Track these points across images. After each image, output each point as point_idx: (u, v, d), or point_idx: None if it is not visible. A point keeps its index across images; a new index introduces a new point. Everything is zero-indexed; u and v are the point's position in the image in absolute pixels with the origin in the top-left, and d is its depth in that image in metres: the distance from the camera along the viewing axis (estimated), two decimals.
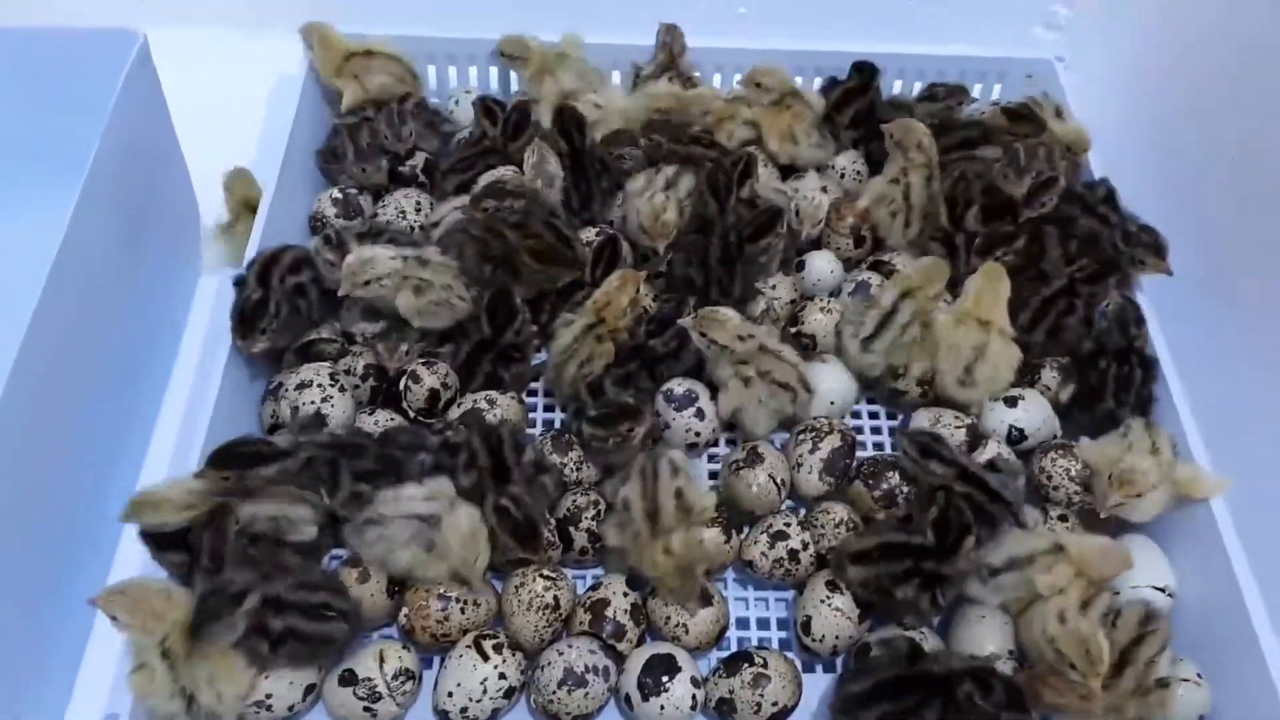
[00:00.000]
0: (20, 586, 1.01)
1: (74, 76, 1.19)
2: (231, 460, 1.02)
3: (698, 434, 1.19)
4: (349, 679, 1.00)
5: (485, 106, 1.46)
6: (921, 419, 1.23)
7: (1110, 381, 1.22)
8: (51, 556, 1.07)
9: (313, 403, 1.15)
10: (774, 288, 1.32)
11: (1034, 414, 1.23)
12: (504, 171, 1.38)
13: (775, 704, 1.01)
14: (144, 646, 0.94)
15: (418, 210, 1.38)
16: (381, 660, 1.00)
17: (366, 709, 1.00)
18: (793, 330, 1.31)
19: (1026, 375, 1.28)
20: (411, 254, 1.21)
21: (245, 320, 1.18)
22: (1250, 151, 1.30)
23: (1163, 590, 1.10)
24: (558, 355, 1.20)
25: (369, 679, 0.99)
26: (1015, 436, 1.22)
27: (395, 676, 1.00)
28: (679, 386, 1.20)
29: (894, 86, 1.59)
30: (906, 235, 1.38)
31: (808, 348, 1.30)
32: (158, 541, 1.02)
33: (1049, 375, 1.28)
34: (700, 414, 1.19)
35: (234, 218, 1.43)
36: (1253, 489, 1.19)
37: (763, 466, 1.15)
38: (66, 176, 1.08)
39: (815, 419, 1.21)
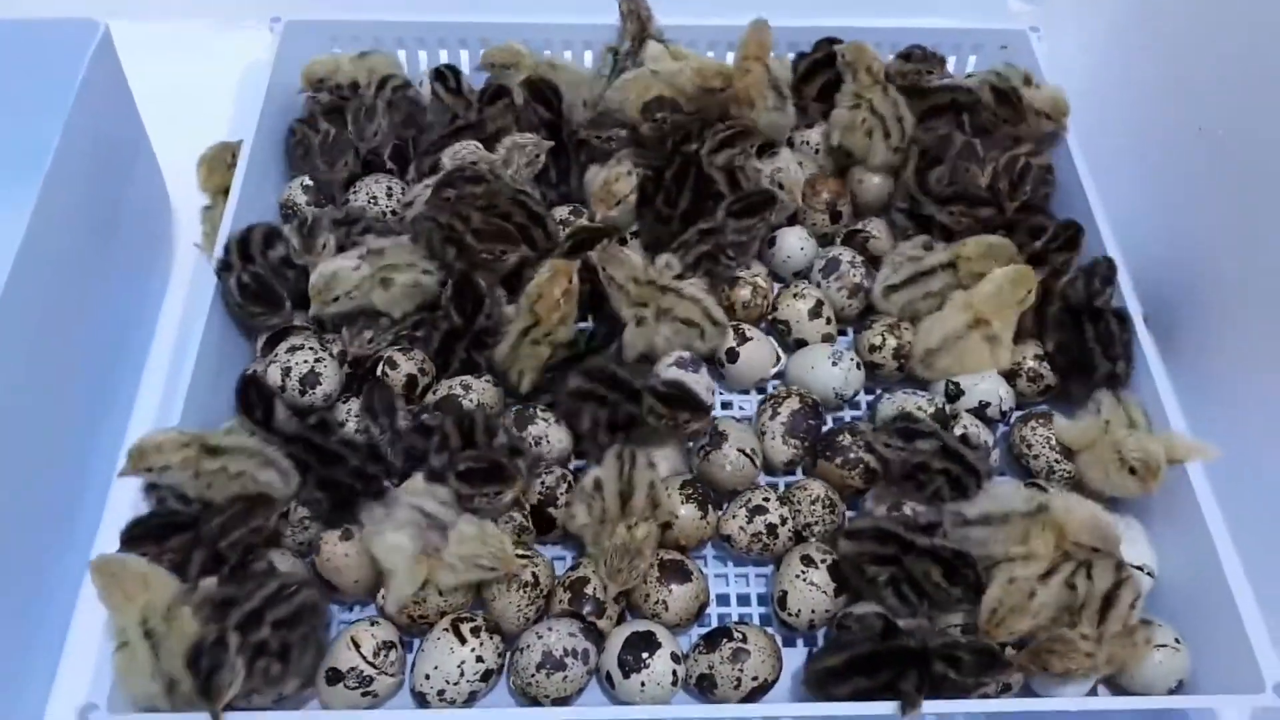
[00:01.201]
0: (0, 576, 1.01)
1: (35, 68, 1.19)
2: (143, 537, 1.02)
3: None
4: (335, 676, 0.99)
5: (438, 74, 1.44)
6: (886, 409, 1.22)
7: (1094, 344, 1.21)
8: (29, 547, 1.06)
9: (305, 362, 1.15)
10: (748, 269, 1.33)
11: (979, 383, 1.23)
12: (470, 145, 1.35)
13: (755, 678, 1.01)
14: (126, 625, 0.94)
15: (389, 195, 1.37)
16: (356, 645, 1.00)
17: (364, 694, 1.00)
18: (769, 318, 1.31)
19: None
20: (366, 250, 1.22)
21: (258, 297, 1.20)
22: (1224, 121, 1.29)
23: (1142, 569, 1.09)
24: (501, 363, 1.20)
25: (353, 668, 0.99)
26: (952, 392, 1.22)
27: (376, 654, 1.00)
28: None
29: None
30: (889, 144, 1.37)
31: (782, 334, 1.30)
32: (139, 536, 1.01)
33: (1029, 364, 1.26)
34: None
35: (213, 202, 1.40)
36: (1231, 457, 1.20)
37: (729, 443, 1.15)
38: (31, 169, 1.08)
39: (774, 388, 1.23)
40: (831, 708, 0.97)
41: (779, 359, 1.29)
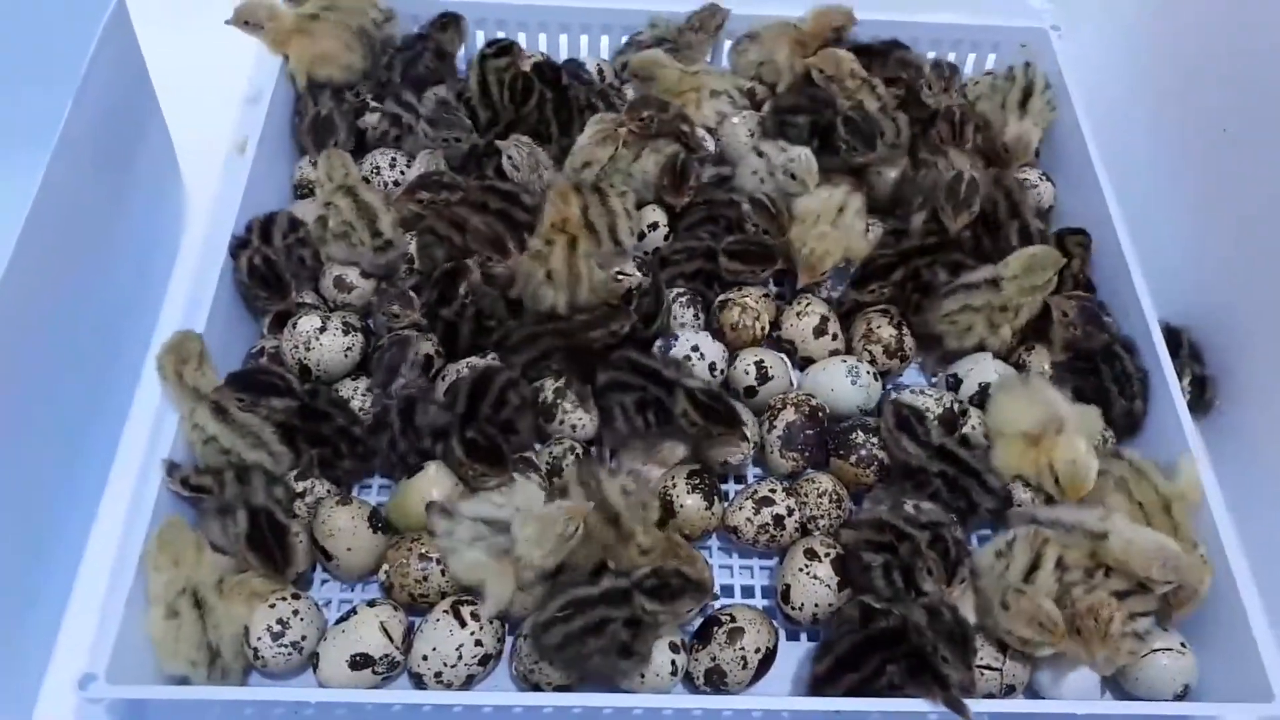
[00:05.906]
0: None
1: (48, 36, 1.18)
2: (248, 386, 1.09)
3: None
4: (363, 662, 0.98)
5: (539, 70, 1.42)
6: (904, 395, 1.21)
7: (1111, 384, 1.20)
8: (31, 518, 1.06)
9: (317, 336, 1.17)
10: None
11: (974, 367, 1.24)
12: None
13: (758, 650, 1.01)
14: (175, 594, 0.97)
15: (393, 166, 1.36)
16: (388, 634, 0.99)
17: (385, 679, 1.00)
18: (775, 334, 1.29)
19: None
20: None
21: (267, 281, 1.20)
22: (1244, 120, 1.28)
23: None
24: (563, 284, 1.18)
25: (386, 655, 0.99)
26: (951, 383, 1.23)
27: (404, 639, 1.00)
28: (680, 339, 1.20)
29: None
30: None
31: (789, 353, 1.27)
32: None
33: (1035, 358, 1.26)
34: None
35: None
36: (1243, 462, 1.19)
37: None
38: (42, 138, 1.07)
39: (772, 396, 1.20)
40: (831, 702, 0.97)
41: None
